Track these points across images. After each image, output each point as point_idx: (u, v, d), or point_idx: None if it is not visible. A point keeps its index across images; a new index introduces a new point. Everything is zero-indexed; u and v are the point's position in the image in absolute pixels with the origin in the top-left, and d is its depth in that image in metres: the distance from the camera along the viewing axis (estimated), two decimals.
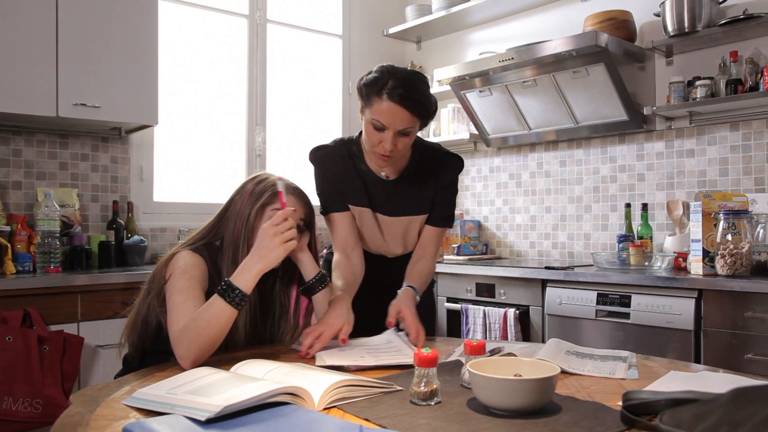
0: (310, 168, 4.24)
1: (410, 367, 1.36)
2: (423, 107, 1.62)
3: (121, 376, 1.62)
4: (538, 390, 1.03)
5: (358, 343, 1.57)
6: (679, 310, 2.34)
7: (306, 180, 3.83)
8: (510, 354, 1.36)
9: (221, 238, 1.60)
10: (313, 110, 4.09)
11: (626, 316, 2.50)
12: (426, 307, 1.90)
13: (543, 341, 2.73)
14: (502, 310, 2.87)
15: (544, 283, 2.80)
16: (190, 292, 1.43)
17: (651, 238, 2.96)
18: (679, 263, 2.67)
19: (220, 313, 1.35)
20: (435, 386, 1.11)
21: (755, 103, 2.70)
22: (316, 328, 1.50)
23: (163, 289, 1.49)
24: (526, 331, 2.85)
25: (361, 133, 1.76)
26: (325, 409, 1.07)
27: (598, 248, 3.31)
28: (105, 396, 1.17)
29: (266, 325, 1.64)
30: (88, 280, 2.53)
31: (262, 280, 1.65)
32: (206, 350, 1.34)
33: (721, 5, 2.79)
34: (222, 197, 3.52)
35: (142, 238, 3.12)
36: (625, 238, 2.95)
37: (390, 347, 1.53)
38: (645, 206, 3.02)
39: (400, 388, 1.19)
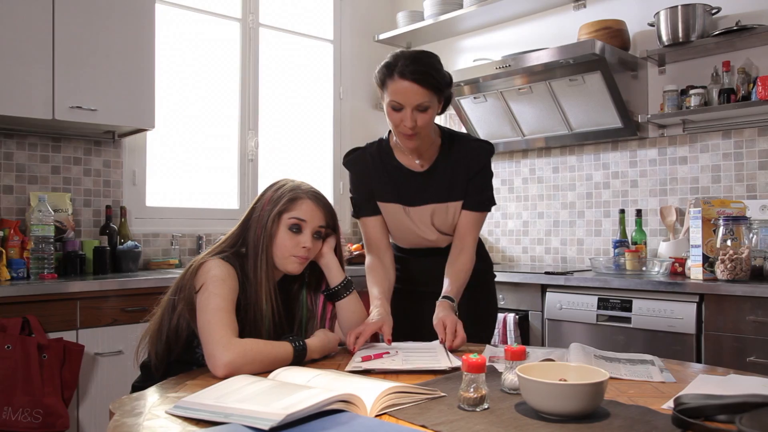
0: (304, 173, 4.22)
1: (442, 373, 1.37)
2: (433, 78, 1.68)
3: (140, 384, 1.59)
4: (592, 395, 1.04)
5: (399, 346, 1.58)
6: (681, 315, 2.39)
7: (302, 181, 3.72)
8: (548, 359, 1.37)
9: (245, 246, 1.59)
10: (305, 115, 4.07)
11: (627, 320, 2.55)
12: (487, 312, 1.95)
13: (543, 345, 2.76)
14: (501, 315, 2.89)
15: (543, 288, 2.83)
16: (227, 300, 1.43)
17: (645, 243, 3.02)
18: (675, 268, 2.73)
19: (283, 360, 1.40)
20: (484, 392, 1.11)
21: (747, 111, 2.77)
22: (357, 328, 1.59)
23: (193, 298, 1.47)
24: (525, 336, 2.88)
25: (390, 131, 1.81)
26: (376, 415, 1.07)
27: (591, 253, 3.36)
28: (143, 406, 1.15)
29: (292, 329, 1.62)
30: (88, 286, 2.47)
31: (287, 284, 1.64)
32: (251, 371, 1.33)
33: (714, 16, 2.87)
34: (214, 202, 3.56)
35: (136, 243, 3.06)
36: (621, 244, 3.00)
37: (428, 353, 1.54)
38: (639, 212, 3.07)
39: (444, 394, 1.19)
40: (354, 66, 4.24)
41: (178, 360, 1.55)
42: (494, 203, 1.91)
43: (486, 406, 1.11)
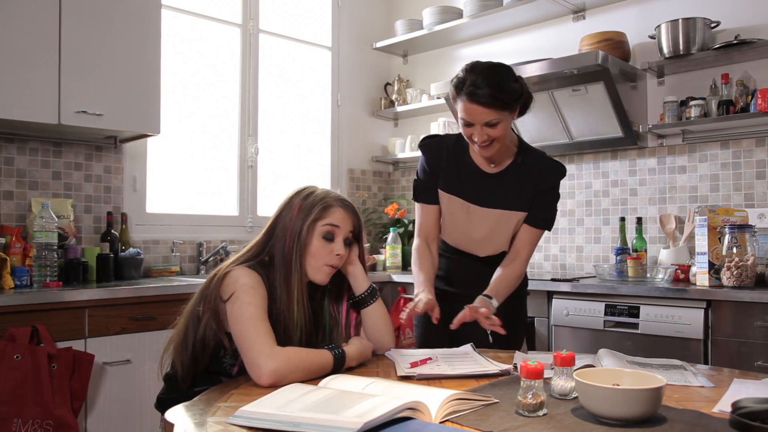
0: (303, 179, 4.24)
1: (494, 377, 1.40)
2: (499, 100, 1.70)
3: (165, 395, 1.56)
4: (653, 399, 1.06)
5: (434, 353, 1.59)
6: (689, 320, 2.44)
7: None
8: (589, 365, 1.39)
9: (271, 255, 1.56)
10: (304, 122, 4.07)
11: (635, 326, 2.59)
12: (516, 320, 1.96)
13: (550, 351, 2.79)
14: None
15: (549, 295, 2.86)
16: (261, 308, 1.42)
17: (645, 250, 3.07)
18: (678, 275, 2.78)
19: (324, 367, 1.40)
20: (542, 398, 1.13)
21: (746, 123, 2.85)
22: (409, 304, 1.69)
23: (219, 308, 1.45)
24: (531, 342, 2.90)
25: None
26: (440, 422, 1.07)
27: (590, 261, 3.41)
28: (202, 416, 1.14)
29: (317, 339, 1.62)
30: (97, 294, 2.43)
31: (311, 293, 1.61)
32: (294, 379, 1.33)
33: (713, 30, 2.94)
34: (214, 209, 3.52)
35: (138, 250, 3.02)
36: (622, 251, 3.05)
37: (467, 358, 1.55)
38: (639, 220, 3.13)
39: (497, 400, 1.20)
40: (352, 73, 4.25)
41: (205, 370, 1.53)
42: (552, 226, 1.95)
43: (545, 412, 1.12)
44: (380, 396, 1.08)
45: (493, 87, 1.68)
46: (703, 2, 3.04)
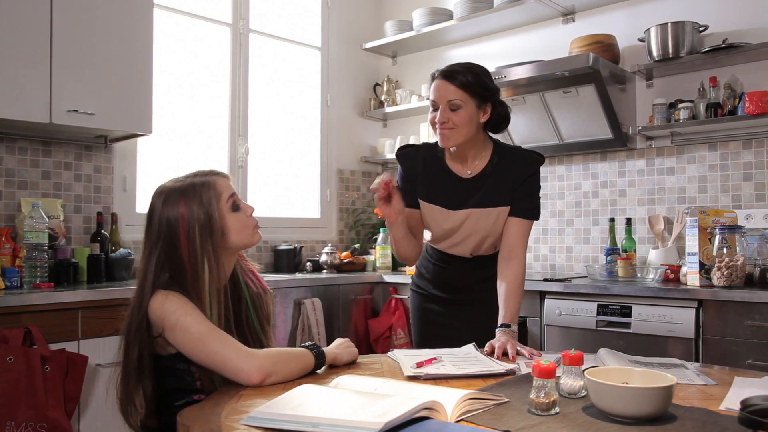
0: (291, 178, 4.20)
1: (499, 376, 1.41)
2: (467, 82, 1.81)
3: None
4: (665, 397, 1.08)
5: (438, 353, 1.59)
6: (680, 320, 2.48)
7: (289, 188, 3.79)
8: (592, 366, 1.41)
9: (171, 272, 1.43)
10: (294, 122, 4.06)
11: (627, 326, 2.62)
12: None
13: (542, 350, 2.81)
14: None
15: (541, 295, 2.89)
16: (206, 319, 1.38)
17: (635, 251, 3.11)
18: (668, 275, 2.82)
19: (303, 357, 1.41)
20: (554, 397, 1.14)
21: (733, 125, 2.90)
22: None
23: (156, 346, 1.41)
24: (523, 341, 2.91)
25: None
26: (456, 421, 1.08)
27: (580, 261, 3.45)
28: (216, 418, 1.13)
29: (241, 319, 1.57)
30: (90, 295, 2.40)
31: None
32: (282, 371, 1.35)
33: (701, 33, 2.99)
34: None
35: (129, 251, 2.99)
36: (613, 251, 3.09)
37: (471, 358, 1.56)
38: (629, 221, 3.17)
39: (507, 399, 1.21)
40: (341, 73, 4.25)
41: (174, 390, 1.45)
42: (539, 216, 1.96)
43: (557, 410, 1.14)
44: (396, 396, 1.09)
45: (465, 70, 1.82)
46: (692, 6, 3.09)
